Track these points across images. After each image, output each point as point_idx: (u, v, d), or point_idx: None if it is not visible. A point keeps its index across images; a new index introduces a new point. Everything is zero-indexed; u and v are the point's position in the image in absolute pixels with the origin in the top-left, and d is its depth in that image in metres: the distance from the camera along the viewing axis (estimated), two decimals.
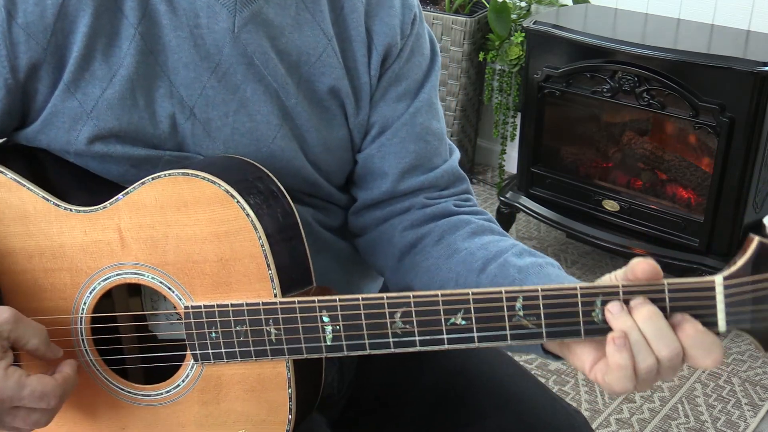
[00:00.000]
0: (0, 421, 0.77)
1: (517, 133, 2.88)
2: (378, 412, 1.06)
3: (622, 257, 2.50)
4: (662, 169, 2.52)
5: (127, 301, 0.92)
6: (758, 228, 0.72)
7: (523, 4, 2.95)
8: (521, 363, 1.93)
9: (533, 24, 2.50)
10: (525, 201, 2.66)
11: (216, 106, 0.89)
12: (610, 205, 2.49)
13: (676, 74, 2.23)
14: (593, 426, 2.04)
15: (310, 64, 0.93)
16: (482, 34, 3.01)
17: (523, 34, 2.76)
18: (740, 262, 0.71)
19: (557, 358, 0.82)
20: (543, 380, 2.20)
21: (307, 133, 0.94)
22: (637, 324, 0.72)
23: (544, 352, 0.82)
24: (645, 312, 0.72)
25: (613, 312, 0.72)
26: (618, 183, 2.57)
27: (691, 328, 0.72)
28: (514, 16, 2.89)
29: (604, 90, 2.38)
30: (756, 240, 0.71)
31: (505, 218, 2.76)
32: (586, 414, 2.09)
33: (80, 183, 0.89)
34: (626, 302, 0.73)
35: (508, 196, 2.72)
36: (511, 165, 3.03)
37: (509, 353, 1.12)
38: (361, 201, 1.01)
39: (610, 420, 2.08)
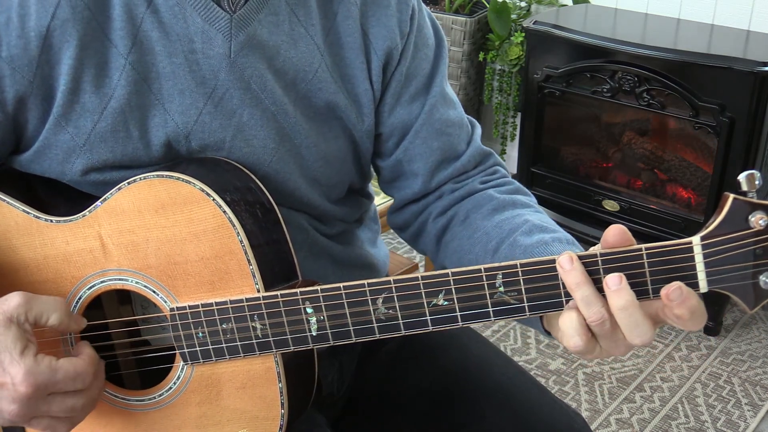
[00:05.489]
0: (36, 410, 0.75)
1: (517, 133, 2.88)
2: (377, 412, 1.06)
3: None
4: (662, 169, 2.52)
5: (117, 308, 0.92)
6: (735, 188, 0.71)
7: (523, 4, 2.95)
8: (521, 364, 1.93)
9: (533, 24, 2.50)
10: None
11: (213, 133, 0.88)
12: (610, 205, 2.49)
13: (676, 74, 2.23)
14: (593, 426, 2.04)
15: (307, 81, 0.91)
16: (482, 34, 3.01)
17: (523, 34, 2.76)
18: (716, 221, 0.70)
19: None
20: (543, 380, 2.20)
21: (306, 150, 0.93)
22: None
23: (543, 330, 0.82)
24: (570, 279, 0.72)
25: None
26: (618, 183, 2.57)
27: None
28: (514, 16, 2.89)
29: (604, 90, 2.38)
30: (731, 198, 0.70)
31: None
32: (585, 414, 2.09)
33: (58, 193, 0.89)
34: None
35: None
36: (511, 165, 3.03)
37: (508, 354, 1.12)
38: (397, 201, 1.04)
39: (610, 420, 2.08)
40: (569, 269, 0.72)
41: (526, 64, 2.57)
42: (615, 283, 0.71)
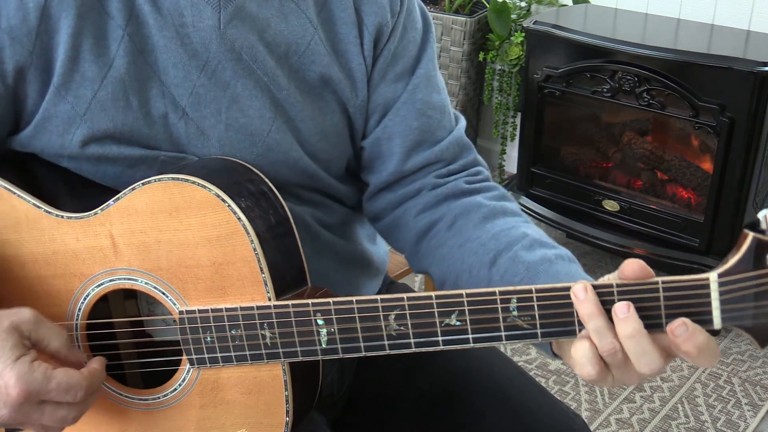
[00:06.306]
0: (27, 416, 0.76)
1: (517, 133, 2.88)
2: (377, 413, 1.06)
3: (622, 257, 2.48)
4: (662, 169, 2.52)
5: (123, 306, 0.91)
6: (754, 225, 0.71)
7: (523, 4, 2.95)
8: (521, 364, 1.93)
9: (533, 24, 2.50)
10: (525, 201, 2.66)
11: (208, 104, 0.90)
12: (610, 205, 2.49)
13: (676, 74, 2.23)
14: (593, 426, 2.04)
15: (300, 54, 0.93)
16: (482, 34, 3.01)
17: (523, 34, 2.76)
18: (734, 258, 0.70)
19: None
20: (543, 380, 2.20)
21: (302, 122, 0.94)
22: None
23: (552, 353, 0.82)
24: (582, 310, 0.72)
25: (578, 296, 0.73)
26: (618, 183, 2.57)
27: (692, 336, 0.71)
28: (514, 16, 2.89)
29: (604, 90, 2.38)
30: (750, 236, 0.70)
31: None
32: (586, 414, 2.09)
33: (70, 189, 0.89)
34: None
35: None
36: (511, 165, 3.03)
37: (508, 355, 1.12)
38: (372, 185, 1.02)
39: (610, 420, 2.08)
40: (583, 299, 0.72)
41: (526, 64, 2.57)
42: (623, 311, 0.71)
